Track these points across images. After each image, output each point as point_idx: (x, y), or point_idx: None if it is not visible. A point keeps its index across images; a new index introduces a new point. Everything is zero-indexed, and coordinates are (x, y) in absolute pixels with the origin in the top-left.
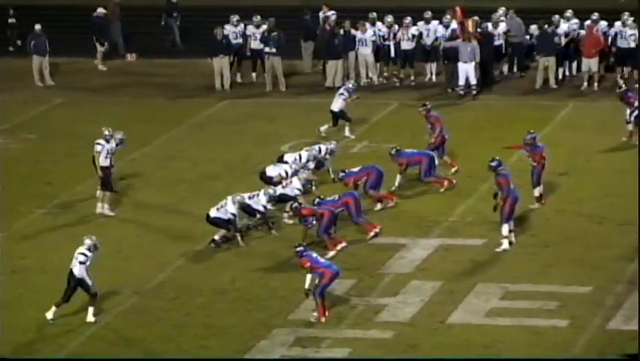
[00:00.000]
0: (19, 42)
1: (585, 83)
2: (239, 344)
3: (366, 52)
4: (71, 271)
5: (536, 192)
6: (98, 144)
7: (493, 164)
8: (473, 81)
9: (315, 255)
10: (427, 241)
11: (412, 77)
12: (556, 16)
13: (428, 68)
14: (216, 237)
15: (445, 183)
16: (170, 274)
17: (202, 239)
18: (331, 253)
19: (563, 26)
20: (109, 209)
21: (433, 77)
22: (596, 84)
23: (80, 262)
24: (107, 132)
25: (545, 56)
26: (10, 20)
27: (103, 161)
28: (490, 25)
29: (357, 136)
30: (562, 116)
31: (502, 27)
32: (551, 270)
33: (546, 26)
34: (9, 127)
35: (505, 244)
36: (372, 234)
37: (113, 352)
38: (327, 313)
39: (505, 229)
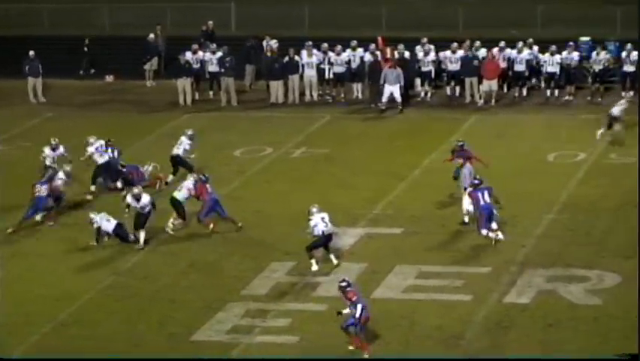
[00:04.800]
0: (92, 70)
1: (482, 100)
2: (200, 315)
3: (311, 73)
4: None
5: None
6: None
7: (476, 182)
8: (399, 99)
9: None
10: (354, 230)
11: (342, 95)
12: (478, 43)
13: (355, 88)
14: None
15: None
16: (141, 258)
17: (163, 230)
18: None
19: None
20: None
21: (359, 95)
22: (493, 101)
23: None
24: (53, 142)
25: (469, 76)
26: (85, 49)
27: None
28: (420, 53)
29: (296, 143)
30: (465, 127)
31: (432, 56)
32: (458, 254)
33: (469, 53)
34: (8, 136)
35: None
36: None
37: (96, 319)
38: (362, 344)
39: (484, 233)
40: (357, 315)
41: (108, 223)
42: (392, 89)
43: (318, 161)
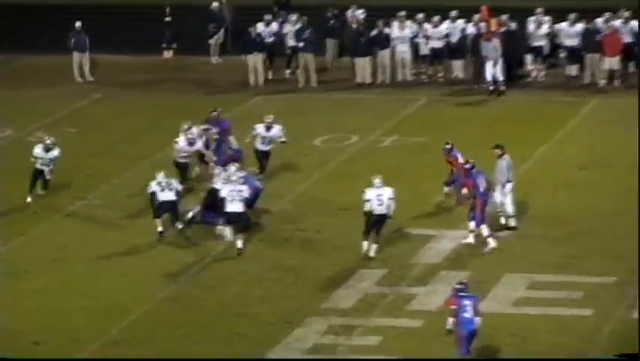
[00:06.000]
0: (174, 44)
1: (604, 80)
2: (274, 332)
3: (403, 49)
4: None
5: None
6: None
7: (467, 166)
8: (500, 78)
9: (466, 302)
10: (454, 233)
11: (440, 74)
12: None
13: (454, 65)
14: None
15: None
16: (207, 264)
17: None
18: None
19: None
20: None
21: (460, 74)
22: (617, 81)
23: None
24: (47, 140)
25: (589, 53)
26: (166, 19)
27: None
28: (532, 25)
29: (386, 130)
30: (585, 112)
31: (545, 28)
32: (575, 261)
33: (589, 26)
34: (51, 121)
35: (492, 242)
36: None
37: (152, 336)
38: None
39: (484, 229)
40: (447, 327)
41: (162, 194)
42: (492, 66)
43: (412, 151)
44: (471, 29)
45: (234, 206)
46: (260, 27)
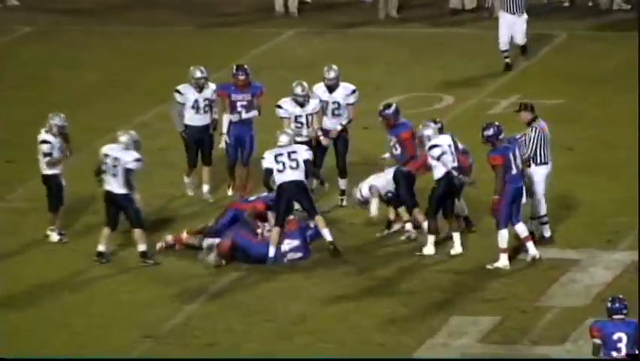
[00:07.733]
0: None
1: None
2: None
3: None
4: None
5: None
6: (46, 142)
7: (489, 132)
8: (521, 41)
9: (619, 334)
10: (611, 256)
11: None
12: None
13: None
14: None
15: None
16: (201, 307)
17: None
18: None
19: None
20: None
21: None
22: None
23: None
24: (57, 120)
25: None
26: None
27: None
28: None
29: (499, 87)
30: None
31: None
32: None
33: None
34: None
35: (504, 260)
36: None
37: None
38: None
39: (502, 235)
40: None
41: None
42: (512, 23)
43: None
44: None
45: (287, 175)
46: None
